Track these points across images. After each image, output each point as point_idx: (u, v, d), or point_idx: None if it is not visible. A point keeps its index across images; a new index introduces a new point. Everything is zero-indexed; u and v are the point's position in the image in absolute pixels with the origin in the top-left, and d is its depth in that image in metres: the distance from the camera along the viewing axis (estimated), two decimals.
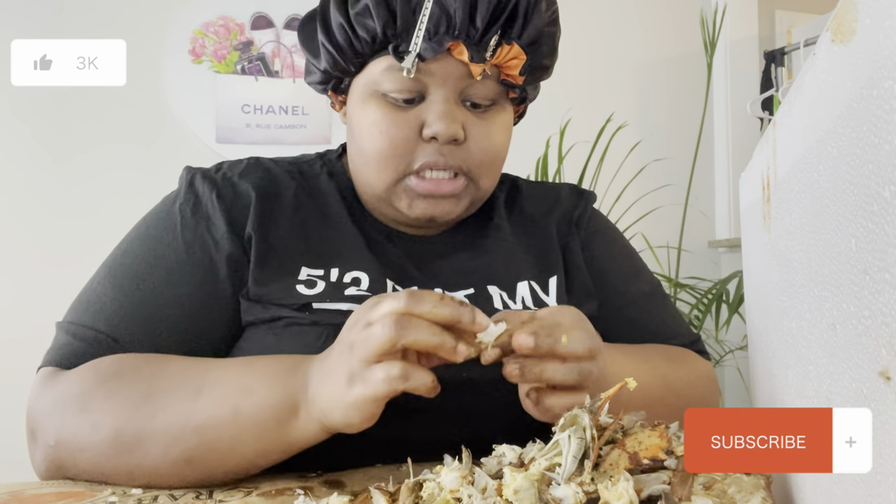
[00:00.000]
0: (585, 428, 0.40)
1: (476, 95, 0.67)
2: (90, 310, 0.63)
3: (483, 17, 0.63)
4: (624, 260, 0.82)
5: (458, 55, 0.64)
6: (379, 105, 0.66)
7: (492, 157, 0.69)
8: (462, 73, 0.65)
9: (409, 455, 0.52)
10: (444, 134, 0.64)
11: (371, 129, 0.66)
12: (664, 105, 2.50)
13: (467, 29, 0.63)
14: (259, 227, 0.68)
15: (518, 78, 0.68)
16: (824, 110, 0.30)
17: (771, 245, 0.46)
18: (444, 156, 0.66)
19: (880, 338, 0.23)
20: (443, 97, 0.65)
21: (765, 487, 0.38)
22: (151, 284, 0.64)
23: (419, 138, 0.66)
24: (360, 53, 0.66)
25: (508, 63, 0.66)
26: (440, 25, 0.63)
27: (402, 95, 0.65)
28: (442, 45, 0.63)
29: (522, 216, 0.80)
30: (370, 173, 0.68)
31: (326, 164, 0.78)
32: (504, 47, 0.65)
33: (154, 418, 0.54)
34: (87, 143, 2.25)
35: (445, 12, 0.63)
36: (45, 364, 0.61)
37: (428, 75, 0.65)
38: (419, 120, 0.66)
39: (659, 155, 2.31)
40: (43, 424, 0.57)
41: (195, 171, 0.71)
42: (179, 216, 0.68)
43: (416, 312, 0.48)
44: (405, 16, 0.63)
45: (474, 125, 0.67)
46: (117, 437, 0.54)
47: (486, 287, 0.71)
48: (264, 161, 0.76)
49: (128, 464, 0.54)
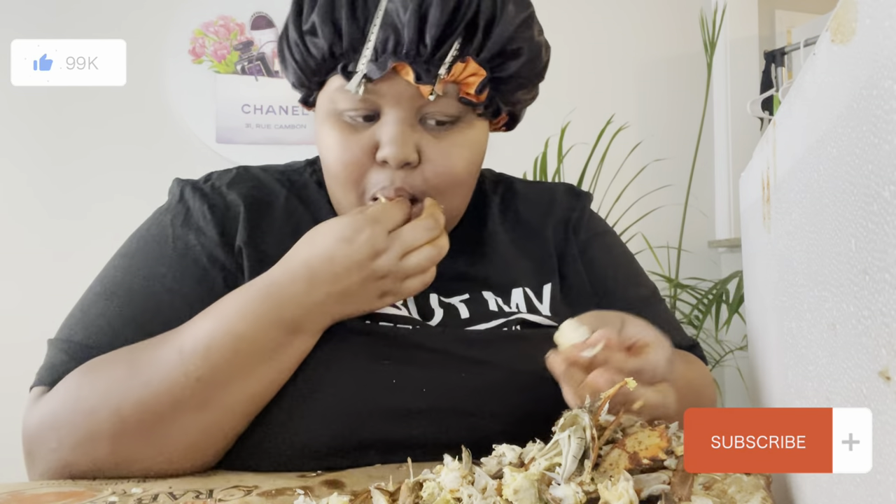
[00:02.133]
0: (585, 428, 0.40)
1: (435, 114, 0.63)
2: (83, 326, 0.62)
3: (433, 36, 0.59)
4: (623, 264, 0.81)
5: (404, 76, 0.60)
6: (334, 125, 0.64)
7: (450, 180, 0.65)
8: (416, 92, 0.61)
9: (409, 455, 0.52)
10: (394, 158, 0.61)
11: (329, 150, 0.65)
12: (664, 105, 2.50)
13: (417, 48, 0.60)
14: (250, 238, 0.67)
15: (476, 96, 0.63)
16: (824, 110, 0.30)
17: (771, 245, 0.46)
18: (395, 181, 0.63)
19: (880, 338, 0.23)
20: (395, 118, 0.62)
21: (765, 487, 0.38)
22: (142, 299, 0.63)
23: (373, 161, 0.63)
24: (315, 71, 0.64)
25: (466, 80, 0.62)
26: (388, 44, 0.60)
27: (356, 114, 0.63)
28: (386, 66, 0.59)
29: (517, 221, 0.79)
30: (335, 193, 0.69)
31: (316, 171, 0.77)
32: (459, 65, 0.61)
33: (149, 386, 0.55)
34: (87, 143, 2.24)
35: (394, 30, 0.59)
36: (36, 383, 0.60)
37: (379, 96, 0.61)
38: (372, 141, 0.63)
39: (659, 155, 2.31)
40: (40, 440, 0.57)
41: (185, 183, 0.71)
42: (171, 229, 0.67)
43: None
44: (351, 34, 0.60)
45: (431, 146, 0.63)
46: (118, 413, 0.55)
47: (481, 293, 0.71)
48: (253, 170, 0.75)
49: (140, 434, 0.55)
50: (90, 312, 0.63)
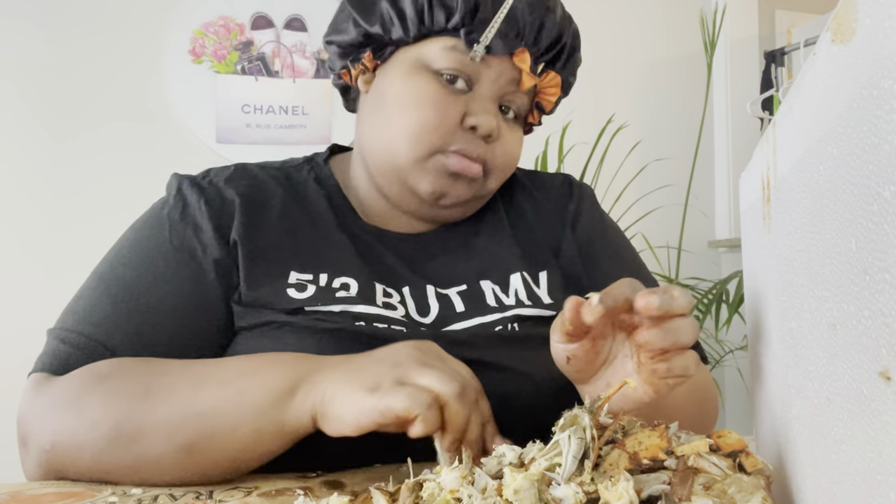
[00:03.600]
0: (585, 428, 0.40)
1: (513, 104, 0.72)
2: (81, 316, 0.63)
3: (547, 39, 0.69)
4: (621, 257, 0.82)
5: (519, 62, 0.69)
6: (429, 80, 0.68)
7: (509, 161, 0.73)
8: (511, 78, 0.70)
9: (409, 455, 0.52)
10: (486, 127, 0.68)
11: (418, 101, 0.68)
12: (664, 105, 2.50)
13: (532, 43, 0.69)
14: (244, 234, 0.68)
15: (550, 104, 0.75)
16: (824, 110, 0.30)
17: (771, 245, 0.46)
18: (476, 147, 0.69)
19: (880, 338, 0.23)
20: (490, 93, 0.69)
21: (765, 487, 0.38)
22: (141, 290, 0.64)
23: (458, 124, 0.68)
24: (426, 27, 0.68)
25: (548, 88, 0.73)
26: (510, 30, 0.68)
27: (455, 76, 0.68)
28: (514, 46, 0.68)
29: (516, 209, 0.81)
30: (400, 144, 0.69)
31: (314, 168, 0.78)
32: (550, 73, 0.72)
33: (156, 410, 0.54)
34: (87, 144, 2.24)
35: (517, 22, 0.68)
36: (35, 370, 0.61)
37: (485, 69, 0.69)
38: (463, 107, 0.69)
39: (659, 155, 2.31)
40: (36, 429, 0.57)
41: (183, 177, 0.72)
42: (168, 222, 0.68)
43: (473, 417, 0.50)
44: (485, 7, 0.67)
45: (504, 129, 0.72)
46: (118, 431, 0.54)
47: (478, 282, 0.72)
48: (251, 167, 0.76)
49: (129, 458, 0.54)
50: (88, 303, 0.63)
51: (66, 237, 2.19)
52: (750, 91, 2.44)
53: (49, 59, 2.22)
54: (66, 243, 2.19)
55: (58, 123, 2.23)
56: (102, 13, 2.26)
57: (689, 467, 0.38)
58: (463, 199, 0.72)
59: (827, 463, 0.31)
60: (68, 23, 2.24)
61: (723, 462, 0.39)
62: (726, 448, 0.40)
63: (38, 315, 1.69)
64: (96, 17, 2.26)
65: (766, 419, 0.51)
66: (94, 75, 2.24)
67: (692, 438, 0.41)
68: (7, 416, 1.04)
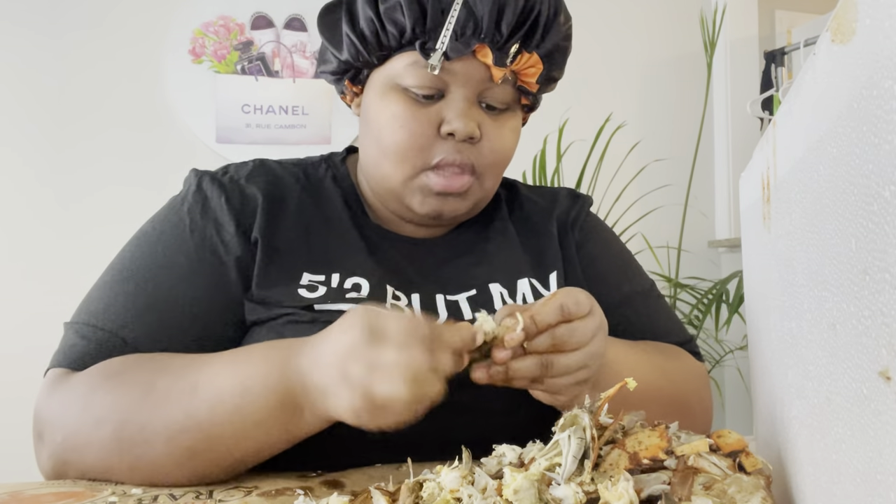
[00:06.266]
0: (585, 428, 0.40)
1: (493, 98, 0.69)
2: (98, 310, 0.63)
3: (508, 24, 0.66)
4: (619, 261, 0.83)
5: (482, 57, 0.66)
6: (399, 98, 0.67)
7: (501, 158, 0.71)
8: (483, 75, 0.67)
9: (409, 454, 0.52)
10: (463, 131, 0.66)
11: (391, 122, 0.67)
12: (664, 105, 2.50)
13: (493, 34, 0.66)
14: (265, 232, 0.68)
15: (533, 85, 0.71)
16: (824, 110, 0.30)
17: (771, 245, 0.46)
18: (459, 153, 0.68)
19: (880, 338, 0.23)
20: (463, 96, 0.67)
21: (765, 487, 0.38)
22: (160, 286, 0.64)
23: (436, 134, 0.67)
24: (385, 47, 0.68)
25: (526, 70, 0.69)
26: (467, 28, 0.65)
27: (423, 91, 0.67)
28: (469, 46, 0.65)
29: (523, 217, 0.82)
30: (387, 166, 0.69)
31: (331, 167, 0.78)
32: (524, 55, 0.68)
33: (156, 412, 0.54)
34: (87, 144, 2.24)
35: (473, 16, 0.65)
36: (53, 365, 0.61)
37: (450, 74, 0.67)
38: (438, 116, 0.67)
39: (659, 155, 2.31)
40: (51, 424, 0.57)
41: (203, 173, 0.72)
42: (188, 219, 0.68)
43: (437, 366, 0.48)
44: (434, 15, 0.65)
45: (489, 126, 0.69)
46: (121, 431, 0.54)
47: (487, 286, 0.72)
48: (269, 163, 0.76)
49: (131, 458, 0.54)
50: (107, 297, 0.64)
51: (67, 239, 2.19)
52: (750, 91, 2.44)
53: (49, 59, 2.22)
54: (66, 246, 2.19)
55: (58, 127, 2.23)
56: (102, 14, 2.26)
57: (689, 467, 0.38)
58: (462, 212, 0.72)
59: (827, 463, 0.31)
60: (69, 26, 2.24)
61: (723, 462, 0.39)
62: (726, 448, 0.40)
63: (39, 322, 1.69)
64: (96, 17, 2.25)
65: (766, 419, 0.51)
66: (94, 75, 2.24)
67: (692, 438, 0.41)
68: (7, 417, 1.04)
